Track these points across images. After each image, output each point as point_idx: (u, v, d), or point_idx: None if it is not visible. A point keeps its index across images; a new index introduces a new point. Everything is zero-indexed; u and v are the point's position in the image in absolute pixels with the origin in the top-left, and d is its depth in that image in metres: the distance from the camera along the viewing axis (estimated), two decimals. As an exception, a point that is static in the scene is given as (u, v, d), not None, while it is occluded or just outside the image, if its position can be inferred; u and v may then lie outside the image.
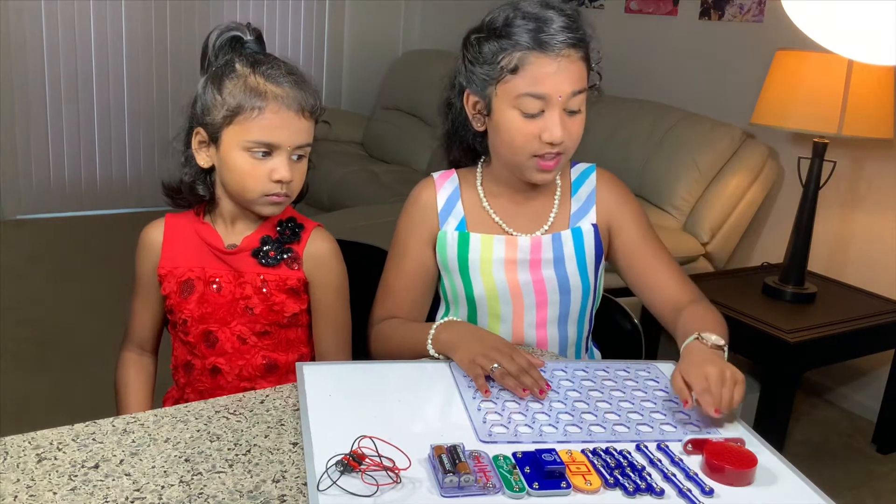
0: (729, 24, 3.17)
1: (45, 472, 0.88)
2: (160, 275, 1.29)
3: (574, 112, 1.25)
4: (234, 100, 1.18)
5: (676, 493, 0.90)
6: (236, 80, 1.19)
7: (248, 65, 1.21)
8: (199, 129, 1.23)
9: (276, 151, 1.20)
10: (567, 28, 1.22)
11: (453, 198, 1.38)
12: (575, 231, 1.35)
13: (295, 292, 1.29)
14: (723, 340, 1.15)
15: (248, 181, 1.21)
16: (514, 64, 1.22)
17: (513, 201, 1.36)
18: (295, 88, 1.20)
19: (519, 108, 1.23)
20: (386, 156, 4.31)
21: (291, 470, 0.92)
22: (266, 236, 1.28)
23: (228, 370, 1.29)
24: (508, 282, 1.34)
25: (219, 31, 1.25)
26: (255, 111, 1.18)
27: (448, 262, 1.36)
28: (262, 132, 1.18)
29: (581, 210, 1.37)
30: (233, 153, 1.20)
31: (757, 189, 2.94)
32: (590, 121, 1.29)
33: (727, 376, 1.05)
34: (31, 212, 4.24)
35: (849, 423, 2.75)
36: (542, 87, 1.21)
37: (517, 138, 1.25)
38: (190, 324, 1.28)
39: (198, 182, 1.27)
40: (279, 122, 1.19)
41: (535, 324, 1.36)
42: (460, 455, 0.90)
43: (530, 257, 1.34)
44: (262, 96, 1.18)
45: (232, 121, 1.19)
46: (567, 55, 1.21)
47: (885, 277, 2.68)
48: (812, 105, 2.36)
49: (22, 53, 4.03)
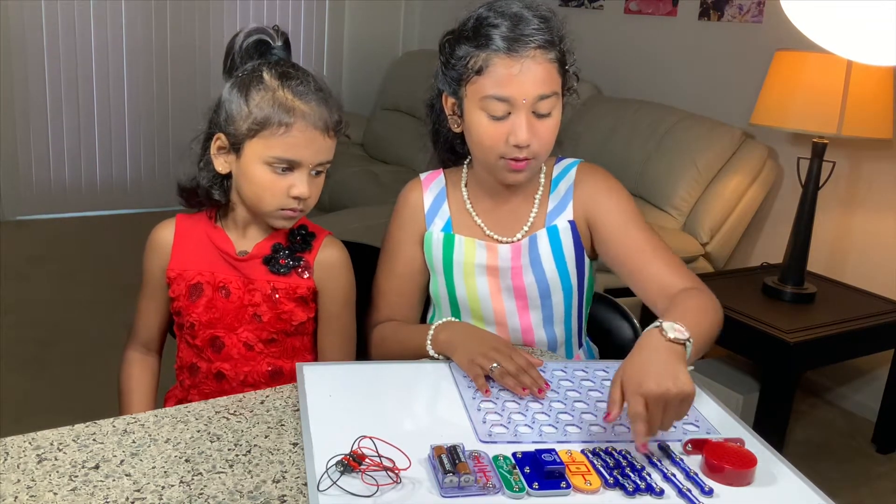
0: (728, 24, 3.17)
1: (45, 472, 0.88)
2: (169, 276, 1.29)
3: (543, 115, 1.22)
4: (261, 112, 1.17)
5: (676, 493, 0.90)
6: (264, 93, 1.18)
7: (277, 76, 1.19)
8: (220, 135, 1.21)
9: (296, 168, 1.19)
10: (537, 29, 1.19)
11: (440, 199, 1.38)
12: (550, 230, 1.33)
13: (304, 301, 1.28)
14: (686, 333, 1.01)
15: (265, 195, 1.20)
16: (480, 65, 1.20)
17: (494, 202, 1.35)
18: (322, 106, 1.19)
19: (485, 111, 1.22)
20: (386, 156, 4.31)
21: (291, 470, 0.92)
22: (277, 244, 1.28)
23: (233, 376, 1.29)
24: (490, 288, 1.34)
25: (245, 33, 1.24)
26: (283, 128, 1.16)
27: (434, 263, 1.37)
28: (285, 149, 1.17)
29: (558, 207, 1.34)
30: (253, 165, 1.19)
31: (756, 189, 2.94)
32: (589, 121, 1.29)
33: (670, 397, 0.93)
34: (31, 212, 4.24)
35: (848, 423, 2.75)
36: (506, 89, 1.19)
37: (485, 140, 1.24)
38: (197, 328, 1.28)
39: (214, 187, 1.26)
40: (304, 140, 1.18)
41: (521, 328, 1.36)
42: (460, 455, 0.90)
43: (511, 264, 1.33)
44: (289, 112, 1.17)
45: (257, 134, 1.18)
46: (532, 56, 1.19)
47: (884, 277, 2.68)
48: (811, 105, 2.36)
49: (22, 54, 4.03)
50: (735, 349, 2.40)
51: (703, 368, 2.57)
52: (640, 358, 0.99)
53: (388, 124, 4.43)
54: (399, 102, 4.45)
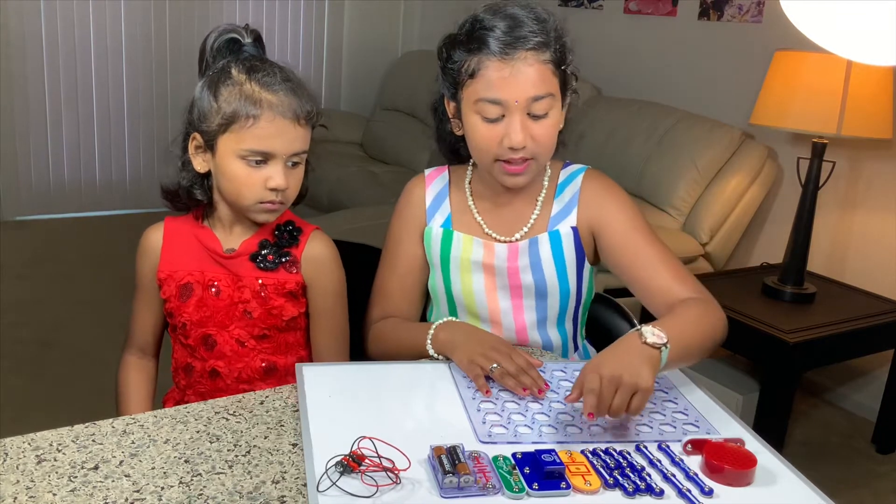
0: (728, 24, 3.17)
1: (44, 473, 0.88)
2: (159, 278, 1.30)
3: (539, 116, 1.21)
4: (229, 107, 1.18)
5: (676, 494, 0.90)
6: (232, 88, 1.18)
7: (245, 71, 1.20)
8: (195, 135, 1.23)
9: (271, 159, 1.20)
10: (532, 31, 1.19)
11: (441, 195, 1.38)
12: (553, 234, 1.32)
13: (293, 296, 1.29)
14: (664, 339, 1.04)
15: (243, 189, 1.21)
16: (473, 69, 1.21)
17: (496, 203, 1.36)
18: (291, 95, 1.19)
19: (480, 114, 1.22)
20: (385, 156, 4.31)
21: (291, 471, 0.92)
22: (264, 240, 1.28)
23: (227, 373, 1.29)
24: (486, 285, 1.34)
25: (216, 33, 1.25)
26: (250, 120, 1.17)
27: (432, 257, 1.37)
28: (256, 141, 1.18)
29: (562, 212, 1.34)
30: (228, 160, 1.20)
31: (756, 189, 2.94)
32: (589, 121, 1.28)
33: (623, 381, 0.97)
34: (30, 213, 4.24)
35: (848, 423, 2.75)
36: (497, 91, 1.19)
37: (481, 143, 1.24)
38: (189, 327, 1.28)
39: (195, 187, 1.27)
40: (274, 130, 1.18)
41: (515, 328, 1.36)
42: (460, 456, 0.90)
43: (507, 264, 1.33)
44: (256, 104, 1.17)
45: (227, 129, 1.18)
46: (523, 58, 1.18)
47: (884, 277, 2.68)
48: (811, 105, 2.36)
49: (22, 54, 4.03)
50: (735, 349, 2.40)
51: (704, 368, 2.57)
52: (610, 352, 1.04)
53: (388, 124, 4.43)
54: (398, 102, 4.45)
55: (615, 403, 0.98)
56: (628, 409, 0.99)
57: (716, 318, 1.19)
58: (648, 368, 1.00)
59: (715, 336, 1.17)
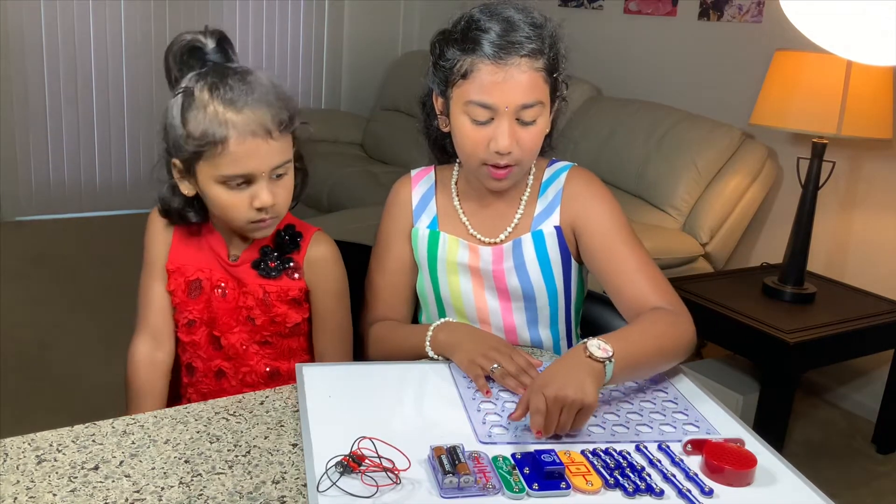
0: (728, 24, 3.17)
1: (44, 473, 0.88)
2: (168, 269, 1.29)
3: (527, 123, 1.21)
4: (197, 132, 1.12)
5: (676, 494, 0.90)
6: (196, 111, 1.13)
7: (207, 89, 1.13)
8: (174, 161, 1.19)
9: (252, 179, 1.15)
10: (527, 37, 1.18)
11: (427, 195, 1.38)
12: (536, 234, 1.31)
13: (297, 303, 1.28)
14: (609, 353, 1.04)
15: (230, 212, 1.18)
16: (465, 69, 1.20)
17: (481, 203, 1.35)
18: (258, 108, 1.13)
19: (469, 115, 1.21)
20: (385, 157, 4.31)
21: (291, 471, 0.92)
22: (266, 247, 1.27)
23: (233, 374, 1.29)
24: (473, 286, 1.34)
25: (177, 45, 1.18)
26: (219, 146, 1.12)
27: (420, 259, 1.36)
28: (231, 165, 1.13)
29: (545, 212, 1.33)
30: (209, 187, 1.16)
31: (756, 189, 2.94)
32: (589, 121, 1.28)
33: (569, 399, 0.97)
34: (30, 213, 4.24)
35: (848, 423, 2.75)
36: (489, 96, 1.18)
37: (467, 144, 1.23)
38: (197, 325, 1.28)
39: (187, 209, 1.25)
40: (245, 151, 1.12)
41: (504, 328, 1.36)
42: (460, 456, 0.90)
43: (492, 267, 1.32)
44: (223, 126, 1.11)
45: (200, 156, 1.14)
46: (517, 64, 1.17)
47: (884, 277, 2.68)
48: (811, 105, 2.36)
49: (21, 54, 4.03)
50: (735, 349, 2.40)
51: (704, 368, 2.57)
52: (555, 367, 1.04)
53: (388, 125, 4.43)
54: (398, 103, 4.45)
55: (562, 421, 0.98)
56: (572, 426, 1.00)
57: (681, 330, 1.18)
58: (592, 383, 1.00)
59: (677, 350, 1.16)
